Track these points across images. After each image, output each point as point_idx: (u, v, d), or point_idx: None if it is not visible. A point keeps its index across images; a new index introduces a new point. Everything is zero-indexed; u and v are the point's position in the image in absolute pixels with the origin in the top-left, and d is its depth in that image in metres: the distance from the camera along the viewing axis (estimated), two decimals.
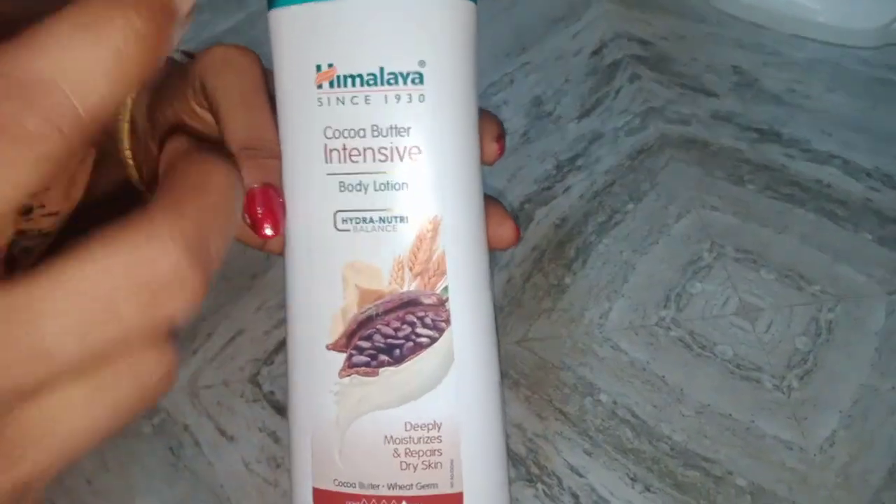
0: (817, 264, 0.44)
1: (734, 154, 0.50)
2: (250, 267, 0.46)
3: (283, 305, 0.47)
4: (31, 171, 0.11)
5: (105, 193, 0.45)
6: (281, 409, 0.40)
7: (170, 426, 0.40)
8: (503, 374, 0.40)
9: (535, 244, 0.46)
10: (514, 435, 0.38)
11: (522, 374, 0.40)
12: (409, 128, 0.22)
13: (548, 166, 0.50)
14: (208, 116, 0.24)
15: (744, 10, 0.60)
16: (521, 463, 0.37)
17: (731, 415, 0.38)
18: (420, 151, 0.22)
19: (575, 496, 0.36)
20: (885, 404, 0.38)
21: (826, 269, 0.43)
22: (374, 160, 0.22)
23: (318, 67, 0.22)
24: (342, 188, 0.22)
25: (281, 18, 0.22)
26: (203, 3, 0.67)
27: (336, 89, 0.22)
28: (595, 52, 0.58)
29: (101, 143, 0.45)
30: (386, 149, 0.22)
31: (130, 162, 0.28)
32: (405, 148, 0.22)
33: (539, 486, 0.36)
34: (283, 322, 0.45)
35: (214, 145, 0.24)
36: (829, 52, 0.57)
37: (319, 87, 0.22)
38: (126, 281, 0.12)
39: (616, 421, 0.38)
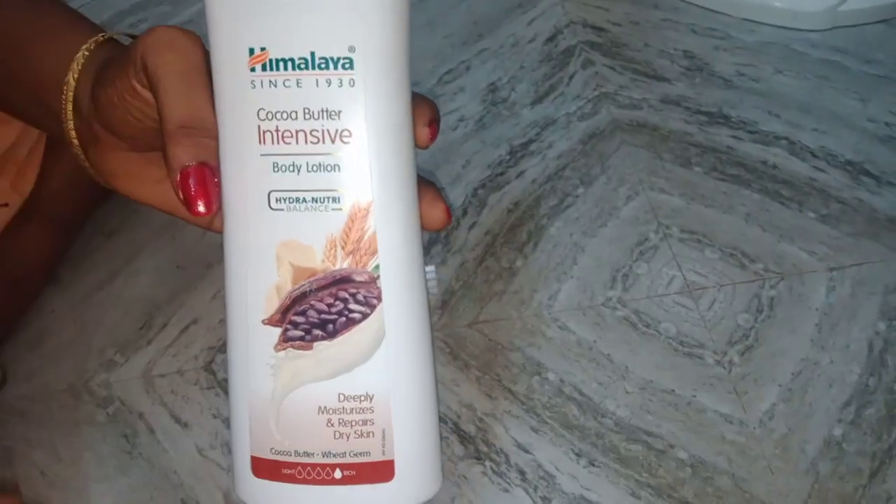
0: (761, 243, 0.45)
1: (683, 137, 0.51)
2: (205, 256, 0.47)
3: None
4: None
5: (67, 177, 0.45)
6: None
7: (124, 415, 0.40)
8: (453, 356, 0.41)
9: (489, 228, 0.47)
10: (464, 415, 0.39)
11: (473, 356, 0.41)
12: (339, 111, 0.23)
13: (502, 152, 0.51)
14: (148, 95, 0.24)
15: None
16: (471, 441, 0.38)
17: (673, 390, 0.39)
18: (350, 134, 0.23)
19: (522, 472, 0.37)
20: (825, 377, 0.39)
21: (770, 247, 0.44)
22: (306, 142, 0.23)
23: (251, 51, 0.23)
24: (276, 169, 0.23)
25: (216, 2, 0.23)
26: None
27: (268, 72, 0.23)
28: (549, 39, 0.59)
29: (55, 133, 0.45)
30: (318, 131, 0.23)
31: (75, 141, 0.29)
32: (336, 131, 0.23)
33: (487, 463, 0.37)
34: None
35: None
36: (778, 34, 0.58)
37: (252, 70, 0.23)
38: None
39: (563, 398, 0.39)
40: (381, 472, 0.24)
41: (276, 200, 0.23)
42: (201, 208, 0.23)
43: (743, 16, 0.60)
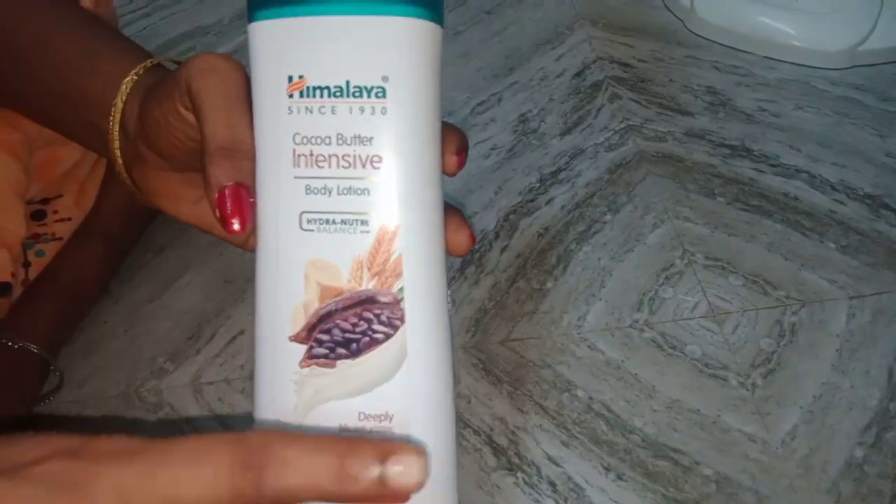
0: (783, 271, 0.46)
1: (707, 169, 0.53)
2: (250, 271, 0.49)
3: None
4: None
5: (123, 196, 0.48)
6: None
7: (173, 420, 0.42)
8: (486, 372, 0.43)
9: (520, 252, 0.49)
10: (497, 427, 0.40)
11: (505, 372, 0.43)
12: (371, 138, 0.24)
13: (532, 179, 0.53)
14: (191, 117, 0.26)
15: (720, 34, 0.63)
16: (503, 453, 0.39)
17: (699, 410, 0.40)
18: (381, 160, 0.24)
19: (552, 484, 0.38)
20: (845, 401, 0.40)
21: (791, 275, 0.46)
22: (338, 166, 0.24)
23: (290, 78, 0.24)
24: (308, 191, 0.24)
25: (259, 31, 0.24)
26: (209, 24, 0.71)
27: (305, 99, 0.24)
28: (577, 74, 0.61)
29: (101, 152, 0.48)
30: (350, 156, 0.24)
31: (120, 161, 0.31)
32: (367, 156, 0.24)
33: (519, 474, 0.39)
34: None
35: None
36: (799, 72, 0.60)
37: (290, 96, 0.24)
38: None
39: (591, 415, 0.41)
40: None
41: (308, 221, 0.24)
42: (236, 226, 0.24)
43: (764, 54, 0.62)
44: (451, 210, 0.26)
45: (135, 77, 0.30)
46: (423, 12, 0.24)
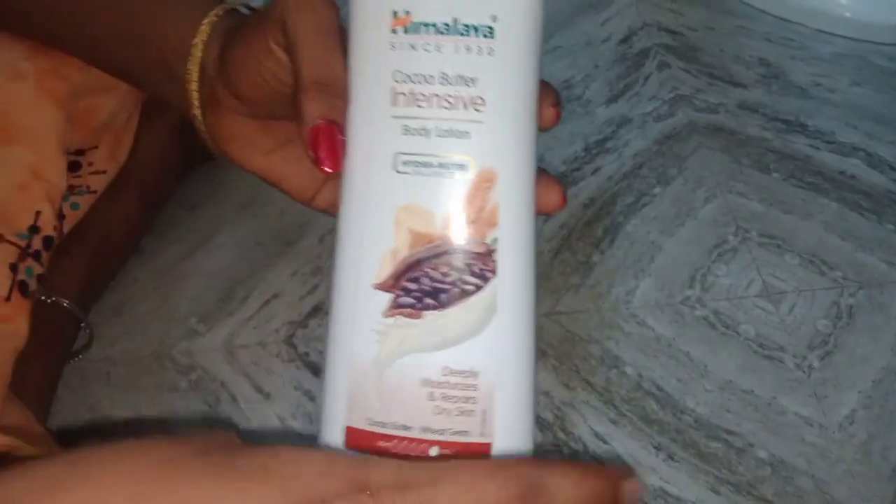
0: (840, 251, 0.45)
1: (761, 143, 0.51)
2: (284, 234, 0.47)
3: (316, 272, 0.48)
4: None
5: (157, 149, 0.47)
6: (316, 371, 0.41)
7: (206, 383, 0.41)
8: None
9: (564, 222, 0.47)
10: (542, 402, 0.39)
11: (550, 346, 0.41)
12: (475, 78, 0.23)
13: (577, 148, 0.51)
14: (282, 55, 0.25)
15: (772, 4, 0.61)
16: (549, 429, 0.38)
17: (753, 391, 0.39)
18: (484, 102, 0.23)
19: (600, 461, 0.37)
20: None
21: (848, 256, 0.44)
22: (439, 107, 0.23)
23: (395, 13, 0.23)
24: (405, 131, 0.23)
25: None
26: None
27: (410, 35, 0.23)
28: (624, 40, 0.59)
29: (147, 110, 0.46)
30: (452, 97, 0.23)
31: (196, 103, 0.29)
32: (470, 98, 0.23)
33: (565, 450, 0.37)
34: (316, 288, 0.46)
35: None
36: (854, 47, 0.58)
37: (394, 31, 0.23)
38: None
39: (641, 393, 0.39)
40: (476, 453, 0.23)
41: (403, 163, 0.23)
42: (327, 167, 0.24)
43: (815, 26, 0.60)
44: (540, 168, 0.25)
45: (214, 18, 0.29)
46: None
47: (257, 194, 0.49)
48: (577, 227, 0.47)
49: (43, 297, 0.38)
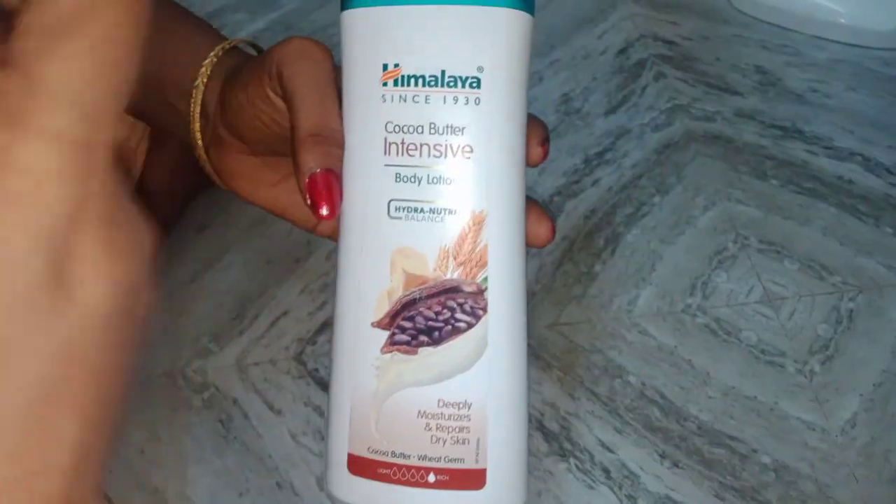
0: (839, 256, 0.45)
1: (758, 150, 0.51)
2: (293, 252, 0.48)
3: (324, 289, 0.49)
4: None
5: (166, 174, 0.48)
6: (325, 386, 0.42)
7: (219, 401, 0.42)
8: (535, 356, 0.42)
9: (566, 234, 0.48)
10: (548, 413, 0.40)
11: (554, 357, 0.42)
12: (463, 128, 0.24)
13: (577, 160, 0.52)
14: (279, 102, 0.26)
15: (767, 12, 0.62)
16: (555, 439, 0.39)
17: (755, 397, 0.40)
18: (472, 150, 0.24)
19: (606, 471, 0.37)
20: None
21: (847, 260, 0.45)
22: (429, 155, 0.24)
23: (385, 66, 0.24)
24: (398, 179, 0.24)
25: (353, 19, 0.24)
26: (237, 2, 0.70)
27: (399, 88, 0.24)
28: (621, 52, 0.60)
29: (156, 136, 0.47)
30: (441, 146, 0.24)
31: (200, 142, 0.30)
32: (458, 146, 0.24)
33: (572, 460, 0.38)
34: (325, 304, 0.47)
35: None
36: (849, 52, 0.58)
37: (384, 84, 0.24)
38: None
39: (645, 401, 0.40)
40: (472, 479, 0.25)
41: (396, 209, 0.24)
42: (325, 212, 0.24)
43: (811, 32, 0.60)
44: (531, 201, 0.26)
45: (214, 58, 0.29)
46: (517, 3, 0.23)
47: (265, 214, 0.50)
48: (579, 239, 0.48)
49: None
